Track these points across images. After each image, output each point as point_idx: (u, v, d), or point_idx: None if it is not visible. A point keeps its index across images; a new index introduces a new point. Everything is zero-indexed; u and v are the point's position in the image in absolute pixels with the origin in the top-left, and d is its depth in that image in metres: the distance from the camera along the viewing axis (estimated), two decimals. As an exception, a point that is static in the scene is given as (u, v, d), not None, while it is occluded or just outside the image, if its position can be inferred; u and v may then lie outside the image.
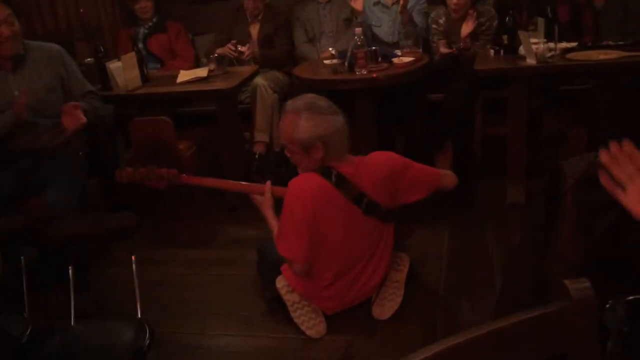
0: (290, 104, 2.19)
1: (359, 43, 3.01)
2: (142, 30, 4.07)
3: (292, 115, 2.12)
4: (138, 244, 2.72)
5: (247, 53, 3.81)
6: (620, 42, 2.96)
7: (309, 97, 2.21)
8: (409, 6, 3.66)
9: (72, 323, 1.81)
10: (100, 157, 3.13)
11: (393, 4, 3.69)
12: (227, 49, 3.80)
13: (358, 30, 3.07)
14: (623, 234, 1.24)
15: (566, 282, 0.83)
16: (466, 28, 3.44)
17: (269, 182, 2.45)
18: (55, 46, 2.94)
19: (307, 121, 2.09)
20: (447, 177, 2.35)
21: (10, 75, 2.76)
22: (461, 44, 3.43)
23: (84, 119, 2.72)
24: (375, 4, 3.76)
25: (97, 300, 2.57)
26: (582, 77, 3.46)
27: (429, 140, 3.46)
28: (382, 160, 2.25)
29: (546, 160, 3.40)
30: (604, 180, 1.10)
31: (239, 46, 3.79)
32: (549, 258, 1.30)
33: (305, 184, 2.19)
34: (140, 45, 3.90)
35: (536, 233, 1.33)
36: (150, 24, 4.06)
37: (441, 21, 3.49)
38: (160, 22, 4.07)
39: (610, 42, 2.99)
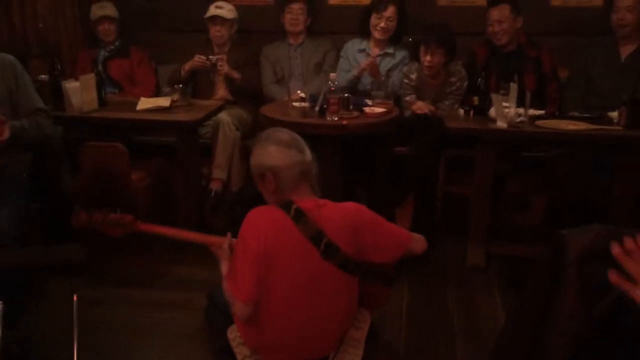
0: (260, 134, 2.17)
1: (332, 88, 2.95)
2: (102, 53, 3.93)
3: (257, 142, 2.11)
4: (71, 281, 2.50)
5: (220, 64, 3.72)
6: (585, 115, 3.01)
7: (275, 129, 2.19)
8: (391, 65, 3.69)
9: (-2, 368, 1.57)
10: (43, 181, 2.91)
11: (378, 55, 3.68)
12: (198, 60, 3.69)
13: (332, 75, 3.02)
14: (625, 314, 1.17)
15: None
16: (424, 106, 3.44)
17: (229, 235, 2.31)
18: (8, 57, 2.74)
19: (259, 149, 2.07)
20: (417, 241, 2.21)
21: None
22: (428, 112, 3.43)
23: (4, 135, 2.49)
24: (360, 51, 3.74)
25: (22, 339, 2.30)
26: (545, 145, 3.51)
27: (391, 193, 3.40)
28: (350, 208, 2.12)
29: (506, 224, 3.41)
30: (613, 277, 1.04)
31: (210, 57, 3.69)
32: (549, 332, 1.21)
33: (261, 215, 2.06)
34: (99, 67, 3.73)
35: (535, 305, 1.24)
36: (112, 47, 3.92)
37: (413, 76, 3.50)
38: (124, 47, 3.94)
39: (576, 114, 3.04)
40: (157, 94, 3.92)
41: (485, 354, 2.37)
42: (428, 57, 3.30)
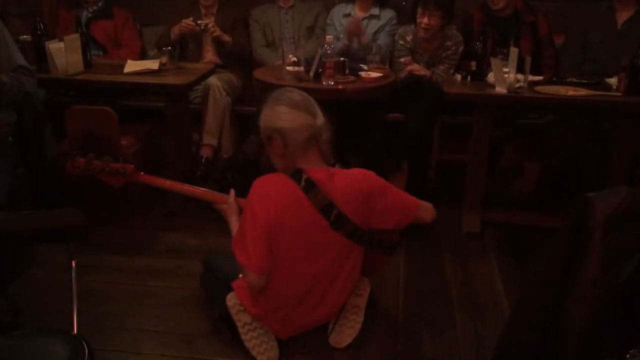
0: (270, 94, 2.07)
1: (329, 52, 2.87)
2: (85, 14, 3.76)
3: (267, 101, 2.02)
4: (60, 247, 2.42)
5: (211, 24, 3.59)
6: (584, 81, 2.98)
7: (287, 89, 2.08)
8: (377, 27, 3.59)
9: (-7, 336, 1.50)
10: (26, 146, 2.80)
11: (364, 18, 3.59)
12: (185, 25, 3.57)
13: (329, 38, 2.93)
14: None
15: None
16: (418, 69, 3.37)
17: (232, 191, 2.27)
18: None
19: (268, 110, 1.99)
20: (426, 210, 2.20)
21: None
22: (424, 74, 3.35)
23: None
24: (345, 15, 3.64)
25: (16, 307, 2.23)
26: (541, 111, 3.48)
27: (385, 161, 3.35)
28: (360, 176, 2.09)
29: (501, 191, 3.39)
30: None
31: (198, 21, 3.57)
32: (570, 299, 1.17)
33: (271, 184, 2.01)
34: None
35: (557, 268, 1.21)
36: (95, 7, 3.76)
37: (408, 38, 3.42)
38: (107, 8, 3.78)
39: (574, 79, 3.00)
40: (143, 56, 3.80)
41: (484, 321, 2.38)
42: (425, 20, 3.22)
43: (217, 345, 2.21)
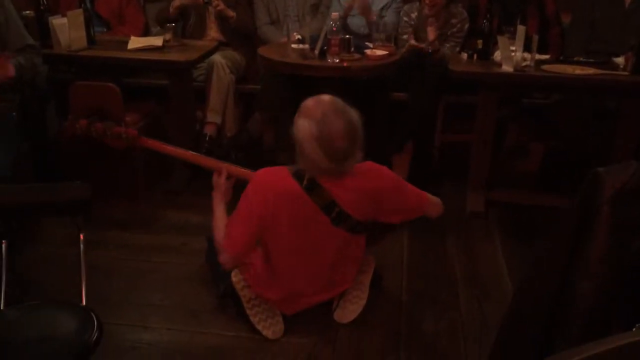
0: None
1: (334, 29, 2.84)
2: None
3: (298, 118, 1.92)
4: (65, 222, 2.42)
5: (215, 1, 3.54)
6: (591, 60, 2.95)
7: (326, 103, 1.92)
8: (383, 4, 3.55)
9: (2, 307, 1.51)
10: (29, 122, 2.79)
11: (370, -6, 3.55)
12: None
13: (335, 15, 2.89)
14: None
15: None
16: (431, 33, 3.35)
17: (225, 166, 2.25)
18: None
19: (304, 121, 1.88)
20: (434, 205, 2.20)
21: None
22: (429, 47, 3.33)
23: (11, 72, 2.40)
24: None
25: (22, 281, 2.25)
26: (547, 91, 3.46)
27: (389, 140, 3.34)
28: (370, 174, 2.05)
29: (505, 171, 3.39)
30: None
31: None
32: (577, 276, 1.18)
33: (272, 181, 2.01)
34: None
35: (564, 246, 1.21)
36: None
37: (413, 15, 3.39)
38: None
39: (581, 59, 2.98)
40: (146, 33, 3.76)
41: (488, 299, 2.39)
42: None
43: (223, 320, 2.23)
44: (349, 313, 2.20)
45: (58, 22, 3.01)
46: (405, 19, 3.42)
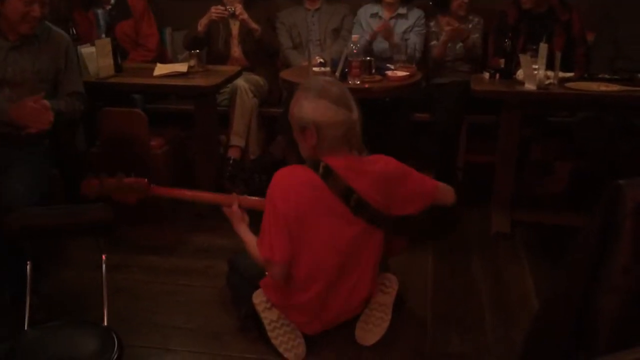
0: (305, 81, 2.10)
1: (355, 51, 2.87)
2: (102, 15, 3.63)
3: (302, 92, 2.01)
4: (90, 244, 2.46)
5: (239, 11, 3.59)
6: (615, 77, 2.92)
7: (325, 80, 2.08)
8: (406, 27, 3.59)
9: (26, 328, 1.54)
10: (60, 148, 2.86)
11: (391, 18, 3.59)
12: (215, 11, 3.57)
13: (355, 37, 2.93)
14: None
15: None
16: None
17: (234, 195, 2.26)
18: (66, 36, 2.71)
19: (308, 102, 1.97)
20: (445, 191, 2.19)
21: (11, 51, 2.50)
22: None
23: (47, 124, 2.44)
24: (372, 15, 3.65)
25: (47, 302, 2.28)
26: (571, 109, 3.42)
27: (411, 161, 3.33)
28: (380, 162, 2.09)
29: (530, 191, 3.34)
30: None
31: (228, 7, 3.59)
32: (600, 289, 1.15)
33: (289, 175, 2.04)
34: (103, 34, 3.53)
35: (585, 262, 1.18)
36: (109, 6, 3.64)
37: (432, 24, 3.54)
38: (121, 2, 3.65)
39: (606, 76, 2.94)
40: (162, 58, 3.75)
41: (515, 322, 2.34)
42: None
43: (245, 343, 2.22)
44: (372, 335, 2.17)
45: (87, 50, 3.10)
46: (433, 29, 3.56)
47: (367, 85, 2.91)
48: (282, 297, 2.12)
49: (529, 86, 2.76)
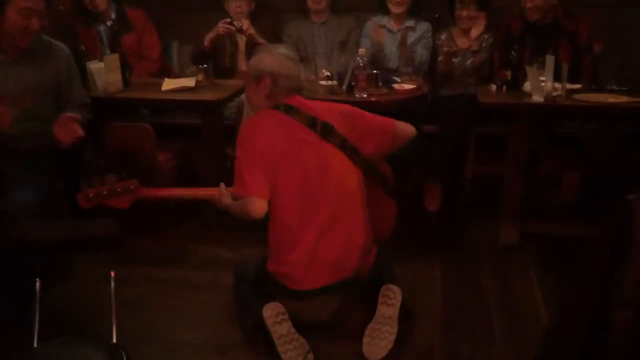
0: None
1: (361, 64, 2.87)
2: (104, 30, 3.63)
3: (263, 50, 2.31)
4: (97, 259, 2.46)
5: (246, 26, 3.63)
6: (624, 88, 2.91)
7: (278, 45, 2.47)
8: (413, 39, 3.60)
9: (35, 344, 1.54)
10: (67, 161, 2.87)
11: (399, 30, 3.60)
12: (223, 25, 3.60)
13: (362, 51, 2.94)
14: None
15: None
16: (476, 30, 3.44)
17: (222, 184, 2.28)
18: (64, 48, 2.74)
19: (265, 55, 2.24)
20: (404, 125, 2.35)
21: (11, 65, 2.53)
22: (471, 45, 3.45)
23: (80, 133, 2.57)
24: (381, 27, 3.65)
25: (55, 318, 2.27)
26: (579, 120, 3.41)
27: (421, 173, 3.34)
28: (334, 103, 2.36)
29: (539, 202, 3.32)
30: None
31: (235, 22, 3.62)
32: (612, 303, 1.13)
33: (254, 119, 2.26)
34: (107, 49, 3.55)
35: (597, 276, 1.17)
36: (110, 21, 3.63)
37: (443, 37, 3.53)
38: (122, 16, 3.65)
39: (614, 87, 2.93)
40: (166, 71, 3.77)
41: (524, 333, 2.31)
42: (465, 12, 3.41)
43: (252, 356, 2.22)
44: (379, 350, 2.16)
45: (95, 66, 3.12)
46: (438, 42, 3.56)
47: (373, 99, 2.91)
48: (284, 257, 2.17)
49: (537, 98, 2.75)
